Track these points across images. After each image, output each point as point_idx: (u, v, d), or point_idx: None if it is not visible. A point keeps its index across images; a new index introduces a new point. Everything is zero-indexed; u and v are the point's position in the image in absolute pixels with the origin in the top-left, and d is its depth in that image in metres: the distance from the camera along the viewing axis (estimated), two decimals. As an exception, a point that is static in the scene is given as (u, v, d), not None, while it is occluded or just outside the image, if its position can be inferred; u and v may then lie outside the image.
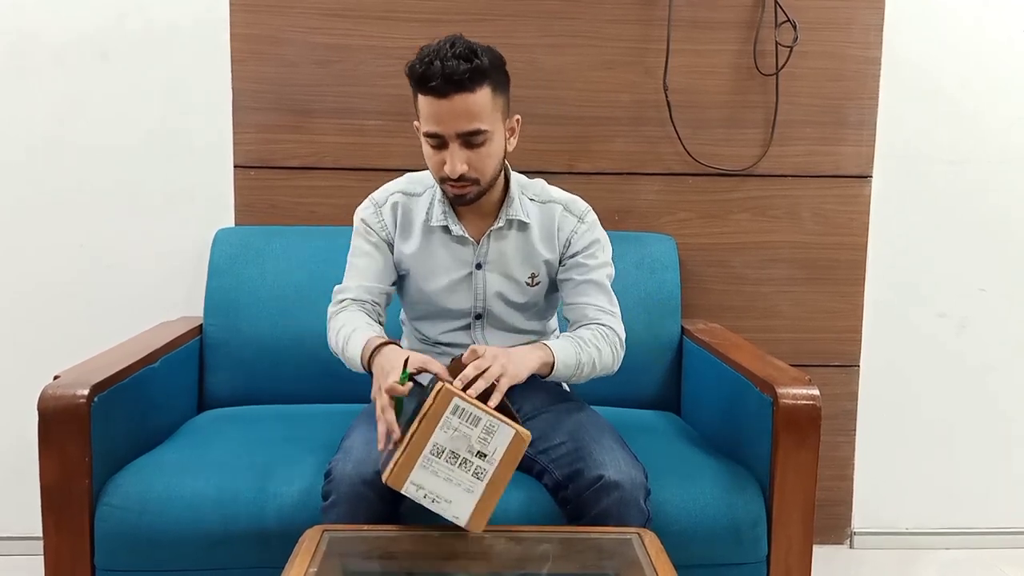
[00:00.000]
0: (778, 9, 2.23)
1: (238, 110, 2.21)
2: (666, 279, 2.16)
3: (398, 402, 1.41)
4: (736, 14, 2.25)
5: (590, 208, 1.72)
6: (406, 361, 1.42)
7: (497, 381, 1.38)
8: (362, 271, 1.68)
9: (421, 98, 1.52)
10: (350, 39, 2.21)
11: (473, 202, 1.60)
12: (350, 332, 1.58)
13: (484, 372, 1.37)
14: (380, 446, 1.39)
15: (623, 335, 1.66)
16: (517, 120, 1.63)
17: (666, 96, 2.25)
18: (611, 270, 1.71)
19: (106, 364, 1.68)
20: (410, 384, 1.41)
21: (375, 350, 1.51)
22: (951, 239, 2.36)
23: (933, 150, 2.33)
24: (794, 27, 2.23)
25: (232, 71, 2.20)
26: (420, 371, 1.44)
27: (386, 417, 1.38)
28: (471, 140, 1.52)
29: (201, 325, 2.11)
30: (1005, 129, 2.33)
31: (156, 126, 2.21)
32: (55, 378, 1.58)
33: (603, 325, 1.63)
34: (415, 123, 1.57)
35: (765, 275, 2.33)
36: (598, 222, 1.72)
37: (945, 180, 2.34)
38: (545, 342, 1.57)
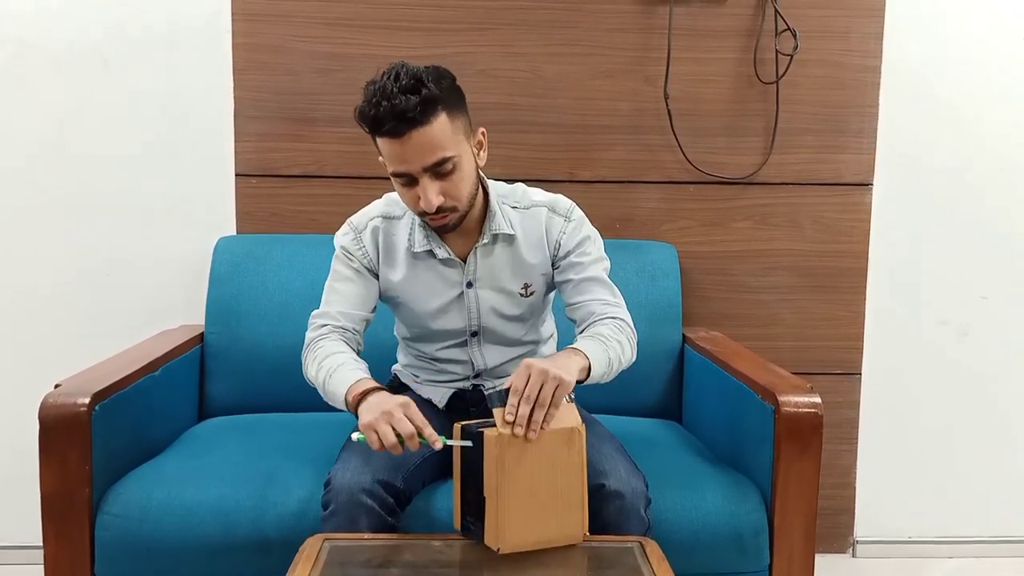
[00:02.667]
0: (778, 18, 2.24)
1: (239, 118, 2.22)
2: (667, 287, 2.16)
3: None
4: (736, 22, 2.26)
5: (575, 205, 1.68)
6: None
7: (555, 394, 1.33)
8: (342, 297, 1.64)
9: (379, 140, 1.48)
10: (351, 48, 2.21)
11: (456, 227, 1.57)
12: (336, 365, 1.51)
13: (538, 397, 1.31)
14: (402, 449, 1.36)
15: (632, 323, 1.62)
16: (483, 133, 1.58)
17: (667, 104, 2.25)
18: (607, 263, 1.68)
19: (107, 372, 1.68)
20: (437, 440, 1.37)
21: (368, 392, 1.44)
22: (952, 246, 2.36)
23: (933, 157, 2.33)
24: (794, 35, 2.23)
25: (233, 79, 2.20)
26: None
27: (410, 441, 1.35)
28: (439, 171, 1.47)
29: (202, 333, 2.11)
30: (1005, 135, 2.33)
31: (157, 134, 2.21)
32: (56, 386, 1.59)
33: (613, 318, 1.59)
34: (380, 158, 1.53)
35: (766, 283, 2.33)
36: (585, 218, 1.68)
37: (946, 187, 2.34)
38: (575, 346, 1.48)
